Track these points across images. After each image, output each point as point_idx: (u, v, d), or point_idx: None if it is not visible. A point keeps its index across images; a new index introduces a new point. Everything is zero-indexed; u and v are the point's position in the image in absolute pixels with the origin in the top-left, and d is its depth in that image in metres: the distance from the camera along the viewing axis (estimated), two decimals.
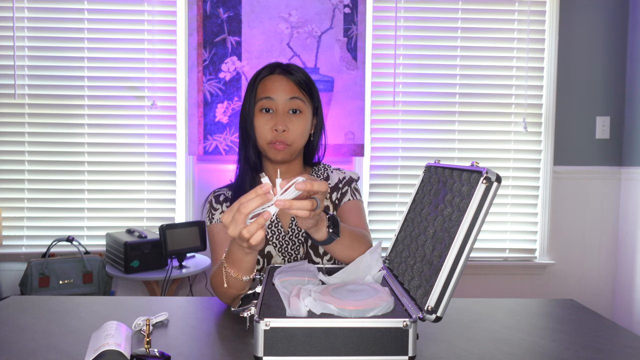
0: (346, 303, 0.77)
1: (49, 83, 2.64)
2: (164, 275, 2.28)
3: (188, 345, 0.87)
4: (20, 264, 2.61)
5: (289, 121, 1.18)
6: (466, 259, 0.76)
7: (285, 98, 1.17)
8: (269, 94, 1.18)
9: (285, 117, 1.18)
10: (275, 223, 1.24)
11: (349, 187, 1.30)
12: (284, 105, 1.18)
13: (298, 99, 1.18)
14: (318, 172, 1.33)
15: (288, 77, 1.19)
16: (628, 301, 2.74)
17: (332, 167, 1.36)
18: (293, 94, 1.18)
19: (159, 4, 2.66)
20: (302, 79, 1.21)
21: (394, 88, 2.73)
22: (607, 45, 2.79)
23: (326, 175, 1.32)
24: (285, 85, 1.18)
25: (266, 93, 1.18)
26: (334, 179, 1.31)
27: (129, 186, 2.70)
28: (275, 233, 1.23)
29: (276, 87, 1.18)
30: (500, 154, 2.79)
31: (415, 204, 1.07)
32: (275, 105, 1.18)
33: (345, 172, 1.34)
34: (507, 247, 2.81)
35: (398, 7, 2.71)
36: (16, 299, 1.14)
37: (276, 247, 1.23)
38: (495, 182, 0.76)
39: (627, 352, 0.87)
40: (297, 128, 1.18)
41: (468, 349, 0.87)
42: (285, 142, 1.17)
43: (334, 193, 1.29)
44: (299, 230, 1.23)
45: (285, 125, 1.16)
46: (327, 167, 1.35)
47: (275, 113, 1.18)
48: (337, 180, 1.31)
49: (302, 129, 1.19)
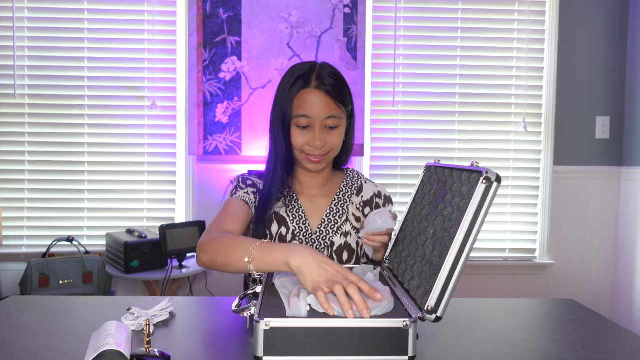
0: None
1: (49, 83, 2.64)
2: (164, 275, 2.28)
3: (188, 345, 0.87)
4: (20, 264, 2.61)
5: (327, 136, 1.19)
6: (466, 259, 0.76)
7: (322, 116, 1.17)
8: (306, 112, 1.16)
9: (323, 132, 1.18)
10: (304, 220, 1.24)
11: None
12: (321, 122, 1.17)
13: (334, 117, 1.18)
14: (353, 179, 1.34)
15: (324, 91, 1.16)
16: (628, 301, 2.74)
17: (363, 176, 1.38)
18: (330, 112, 1.17)
19: (159, 4, 2.66)
20: (337, 87, 1.18)
21: (393, 88, 2.72)
22: (607, 45, 2.79)
23: (360, 184, 1.34)
24: (322, 102, 1.16)
25: (303, 110, 1.17)
26: (367, 192, 1.33)
27: (129, 186, 2.69)
28: (303, 230, 1.24)
29: (313, 103, 1.16)
30: (500, 154, 2.79)
31: (415, 204, 1.07)
32: (312, 122, 1.17)
33: (377, 186, 1.37)
34: (507, 247, 2.81)
35: (398, 7, 2.71)
36: (16, 299, 1.14)
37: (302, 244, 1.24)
38: (495, 182, 0.76)
39: (627, 352, 0.87)
40: (334, 142, 1.20)
41: (468, 349, 0.87)
42: (322, 153, 1.19)
43: (366, 207, 1.31)
44: (326, 233, 1.24)
45: (323, 141, 1.18)
46: (361, 176, 1.37)
47: (312, 128, 1.18)
48: (372, 195, 1.33)
49: (338, 142, 1.21)
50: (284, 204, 1.25)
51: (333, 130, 1.19)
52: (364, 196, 1.31)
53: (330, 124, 1.18)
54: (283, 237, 1.23)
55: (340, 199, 1.29)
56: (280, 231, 1.23)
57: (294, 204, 1.25)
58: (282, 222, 1.24)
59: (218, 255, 1.00)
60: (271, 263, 0.91)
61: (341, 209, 1.27)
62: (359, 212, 1.29)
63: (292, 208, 1.25)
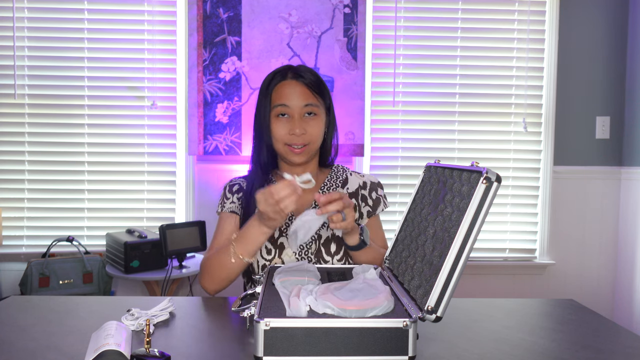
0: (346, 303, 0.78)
1: (49, 83, 2.64)
2: (164, 275, 2.28)
3: (188, 345, 0.87)
4: (20, 264, 2.61)
5: (306, 124, 1.22)
6: (466, 259, 0.76)
7: (300, 104, 1.22)
8: (284, 101, 1.22)
9: (302, 120, 1.22)
10: (290, 217, 1.27)
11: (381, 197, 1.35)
12: (299, 111, 1.22)
13: (312, 105, 1.23)
14: (338, 173, 1.36)
15: (301, 82, 1.23)
16: (628, 301, 2.74)
17: (349, 169, 1.39)
18: (307, 100, 1.22)
19: (159, 4, 2.66)
20: (314, 81, 1.25)
21: (393, 88, 2.72)
22: (607, 45, 2.79)
23: (345, 176, 1.36)
24: (299, 91, 1.22)
25: (281, 100, 1.22)
26: (353, 184, 1.34)
27: (129, 186, 2.69)
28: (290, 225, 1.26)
29: (290, 93, 1.22)
30: (500, 154, 2.79)
31: (415, 204, 1.07)
32: (290, 111, 1.22)
33: (364, 176, 1.38)
34: (507, 247, 2.81)
35: (398, 7, 2.71)
36: (16, 299, 1.14)
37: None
38: (495, 182, 0.76)
39: (627, 352, 0.87)
40: (314, 129, 1.24)
41: (468, 349, 0.87)
42: (304, 142, 1.22)
43: (352, 199, 1.31)
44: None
45: (302, 129, 1.21)
46: (345, 170, 1.39)
47: (292, 118, 1.22)
48: (358, 187, 1.34)
49: (318, 129, 1.25)
50: None
51: (312, 119, 1.23)
52: (349, 188, 1.33)
53: (309, 110, 1.23)
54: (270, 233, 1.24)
55: (324, 192, 1.31)
56: None
57: None
58: None
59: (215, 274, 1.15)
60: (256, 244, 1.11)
61: None
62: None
63: None
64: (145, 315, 0.97)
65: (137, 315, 0.96)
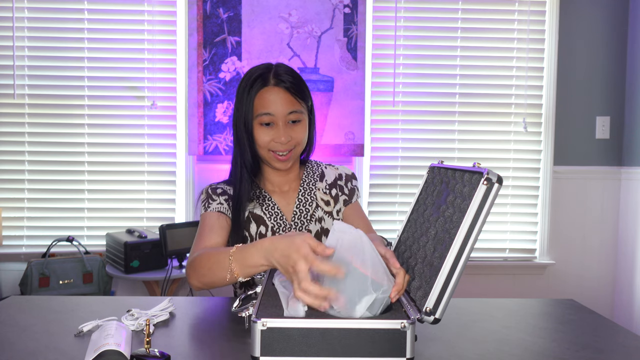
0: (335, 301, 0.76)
1: (49, 83, 2.64)
2: (164, 275, 2.28)
3: (188, 345, 0.87)
4: (20, 264, 2.61)
5: (291, 131, 1.21)
6: (466, 260, 0.76)
7: (284, 112, 1.20)
8: (268, 110, 1.19)
9: (286, 127, 1.21)
10: (280, 216, 1.27)
11: (355, 188, 1.37)
12: (284, 119, 1.20)
13: (296, 112, 1.21)
14: (313, 167, 1.37)
15: (283, 88, 1.19)
16: (628, 301, 2.74)
17: (322, 163, 1.41)
18: (291, 107, 1.20)
19: (159, 4, 2.66)
20: (295, 83, 1.21)
21: (393, 88, 2.72)
22: (607, 45, 2.79)
23: (320, 171, 1.37)
24: (282, 98, 1.19)
25: (265, 108, 1.19)
26: (330, 176, 1.36)
27: (129, 186, 2.69)
28: (281, 225, 1.27)
29: (273, 100, 1.19)
30: (500, 154, 2.79)
31: (418, 205, 1.07)
32: (275, 119, 1.20)
33: (338, 168, 1.40)
34: (507, 247, 2.81)
35: (398, 7, 2.71)
36: (16, 299, 1.14)
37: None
38: (496, 184, 0.76)
39: (627, 352, 0.87)
40: (298, 136, 1.23)
41: (468, 349, 0.87)
42: (289, 148, 1.21)
43: (332, 189, 1.34)
44: (301, 223, 1.28)
45: (288, 136, 1.20)
46: (320, 164, 1.40)
47: (276, 125, 1.20)
48: (335, 178, 1.36)
49: (303, 134, 1.24)
50: (258, 203, 1.28)
51: (296, 125, 1.22)
52: (327, 180, 1.35)
53: (293, 118, 1.21)
54: (263, 235, 1.25)
55: (305, 188, 1.31)
56: (259, 230, 1.25)
57: (267, 202, 1.28)
58: (260, 221, 1.26)
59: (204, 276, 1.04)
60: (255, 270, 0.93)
61: (309, 197, 1.30)
62: (327, 195, 1.33)
63: (267, 206, 1.28)
64: (145, 315, 0.97)
65: (137, 315, 0.96)
